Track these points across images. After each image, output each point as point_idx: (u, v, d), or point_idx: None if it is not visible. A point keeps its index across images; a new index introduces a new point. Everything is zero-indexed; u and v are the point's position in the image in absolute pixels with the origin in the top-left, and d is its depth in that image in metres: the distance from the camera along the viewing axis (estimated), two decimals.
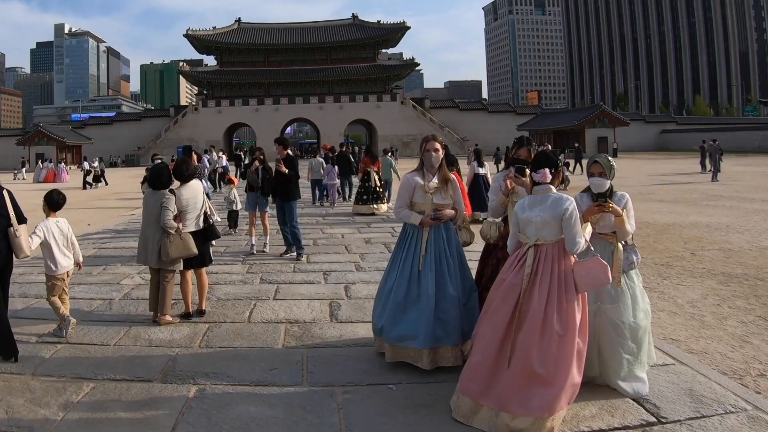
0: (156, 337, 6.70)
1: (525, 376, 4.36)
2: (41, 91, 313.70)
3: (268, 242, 12.20)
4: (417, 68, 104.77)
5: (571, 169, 38.11)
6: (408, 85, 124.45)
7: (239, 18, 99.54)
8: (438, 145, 5.71)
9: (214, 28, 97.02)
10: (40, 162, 57.72)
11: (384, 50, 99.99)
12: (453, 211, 5.70)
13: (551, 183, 4.74)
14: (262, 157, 12.28)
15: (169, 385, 5.34)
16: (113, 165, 76.89)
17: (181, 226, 6.99)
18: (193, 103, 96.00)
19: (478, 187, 16.53)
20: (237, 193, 15.01)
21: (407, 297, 5.47)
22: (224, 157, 32.90)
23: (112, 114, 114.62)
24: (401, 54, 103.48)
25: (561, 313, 4.43)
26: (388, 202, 19.53)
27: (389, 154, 22.93)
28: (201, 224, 7.34)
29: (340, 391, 5.15)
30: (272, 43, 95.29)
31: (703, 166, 36.14)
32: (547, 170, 4.70)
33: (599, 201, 5.01)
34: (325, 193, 22.13)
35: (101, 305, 8.17)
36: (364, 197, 18.75)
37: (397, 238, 5.91)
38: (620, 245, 5.05)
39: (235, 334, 6.72)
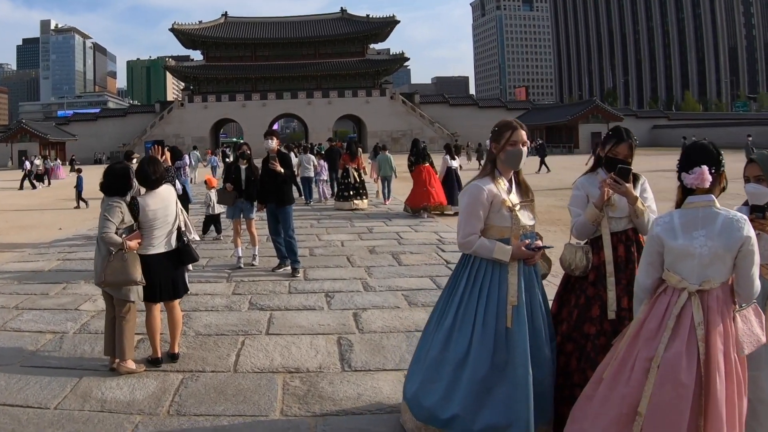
0: (111, 397, 5.03)
1: None
2: (27, 87, 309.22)
3: (257, 254, 10.51)
4: (405, 64, 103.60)
5: (543, 169, 36.76)
6: (395, 81, 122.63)
7: (226, 12, 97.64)
8: (525, 136, 3.99)
9: (200, 22, 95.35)
10: (35, 158, 55.86)
11: (372, 45, 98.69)
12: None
13: (711, 190, 3.17)
14: (249, 152, 10.64)
15: None
16: (98, 162, 74.36)
17: (132, 244, 5.34)
18: (179, 99, 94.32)
19: (450, 180, 17.20)
20: (214, 195, 13.39)
21: (493, 368, 3.74)
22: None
23: (97, 110, 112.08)
24: (389, 50, 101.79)
25: (741, 398, 2.90)
26: (388, 198, 20.04)
27: (387, 150, 21.73)
28: (173, 243, 5.68)
29: None
30: (259, 38, 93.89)
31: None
32: (705, 169, 3.11)
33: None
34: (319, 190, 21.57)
35: (50, 342, 6.48)
36: (345, 194, 18.93)
37: (458, 279, 4.03)
38: None
39: (216, 392, 5.06)
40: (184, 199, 13.84)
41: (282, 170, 9.48)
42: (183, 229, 5.77)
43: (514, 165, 3.96)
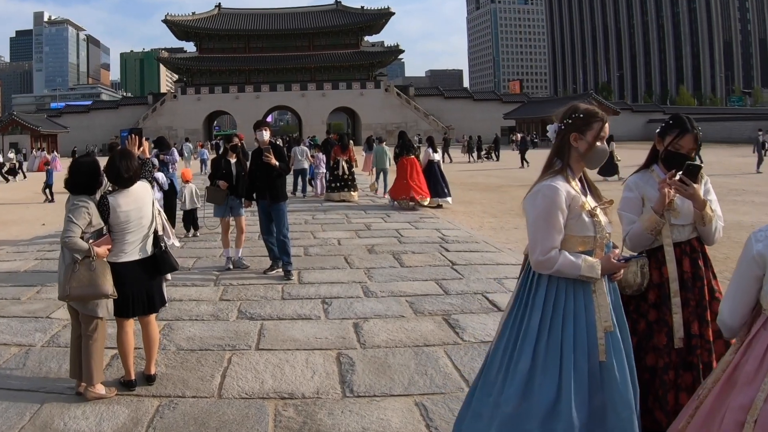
0: (75, 428, 4.30)
1: None
2: (21, 80, 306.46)
3: (240, 256, 9.69)
4: (398, 57, 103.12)
5: (520, 164, 36.34)
6: (389, 74, 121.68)
7: (219, 3, 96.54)
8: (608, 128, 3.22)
9: (193, 13, 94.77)
10: (34, 150, 56.68)
11: (366, 38, 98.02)
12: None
13: None
14: (241, 143, 9.89)
15: None
16: (89, 155, 73.36)
17: (101, 250, 4.61)
18: (172, 91, 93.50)
19: (433, 172, 17.36)
20: (190, 190, 12.68)
21: (591, 416, 2.91)
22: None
23: (89, 102, 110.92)
24: (382, 42, 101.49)
25: None
26: (386, 192, 19.29)
27: (383, 142, 21.25)
28: (149, 250, 4.95)
29: None
30: (253, 29, 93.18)
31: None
32: None
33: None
34: (310, 182, 21.49)
35: (14, 357, 5.74)
36: (334, 185, 19.15)
37: (527, 308, 3.10)
38: None
39: (197, 424, 4.33)
40: (172, 193, 13.15)
41: (277, 163, 8.72)
42: (160, 233, 5.00)
43: (597, 164, 3.16)
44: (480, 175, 30.59)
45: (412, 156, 16.97)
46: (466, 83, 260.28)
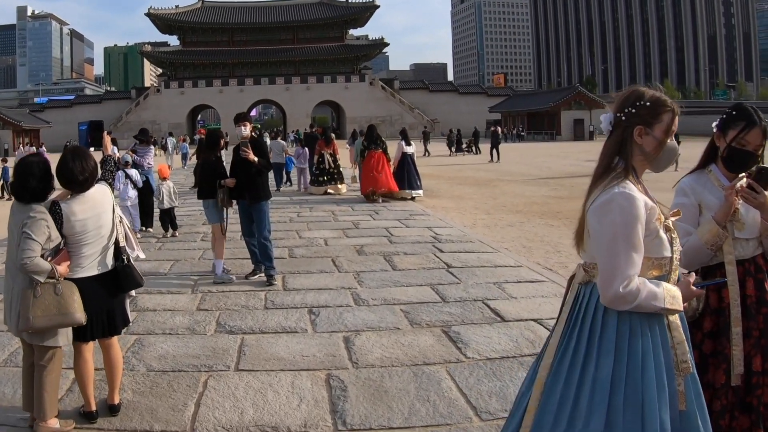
0: None
1: None
2: (4, 75, 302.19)
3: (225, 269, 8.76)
4: (383, 51, 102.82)
5: (489, 159, 36.10)
6: (374, 68, 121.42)
7: None
8: None
9: (177, 7, 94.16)
10: (21, 146, 55.99)
11: (351, 31, 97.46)
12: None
13: None
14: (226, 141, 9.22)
15: None
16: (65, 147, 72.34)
17: (63, 269, 3.96)
18: (156, 85, 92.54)
19: (406, 165, 17.51)
20: (168, 187, 12.04)
21: None
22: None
23: (72, 97, 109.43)
24: (367, 36, 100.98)
25: None
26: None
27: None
28: (109, 263, 4.30)
29: None
30: (237, 22, 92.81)
31: None
32: None
33: None
34: (286, 180, 21.58)
35: None
36: (319, 179, 19.21)
37: (588, 349, 2.45)
38: None
39: None
40: (148, 191, 12.48)
41: (255, 159, 8.06)
42: (122, 244, 4.33)
43: (665, 166, 2.53)
44: (468, 169, 30.02)
45: (380, 150, 16.99)
46: (450, 77, 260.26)
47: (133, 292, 4.50)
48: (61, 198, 4.07)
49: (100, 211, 4.15)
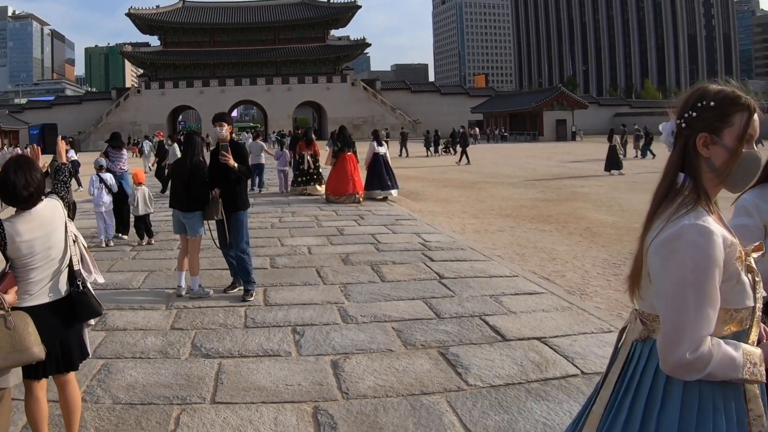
0: None
1: None
2: None
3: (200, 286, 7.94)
4: (364, 51, 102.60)
5: (457, 160, 35.87)
6: (355, 68, 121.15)
7: None
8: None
9: (157, 7, 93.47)
10: (5, 148, 55.49)
11: (332, 31, 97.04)
12: None
13: None
14: (201, 141, 8.61)
15: None
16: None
17: (10, 297, 3.38)
18: (136, 86, 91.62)
19: (378, 165, 17.67)
20: (143, 193, 11.46)
21: None
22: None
23: (52, 98, 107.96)
24: (348, 36, 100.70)
25: None
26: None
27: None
28: (63, 290, 3.70)
29: None
30: (218, 23, 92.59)
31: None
32: None
33: None
34: (259, 183, 21.03)
35: None
36: (299, 179, 19.43)
37: (645, 422, 1.91)
38: None
39: None
40: (122, 198, 11.88)
41: (235, 165, 7.49)
42: (77, 267, 3.74)
43: (745, 184, 1.99)
44: (453, 171, 29.59)
45: (351, 152, 17.27)
46: (431, 77, 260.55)
47: (92, 321, 3.89)
48: (5, 216, 3.50)
49: (50, 231, 3.57)
